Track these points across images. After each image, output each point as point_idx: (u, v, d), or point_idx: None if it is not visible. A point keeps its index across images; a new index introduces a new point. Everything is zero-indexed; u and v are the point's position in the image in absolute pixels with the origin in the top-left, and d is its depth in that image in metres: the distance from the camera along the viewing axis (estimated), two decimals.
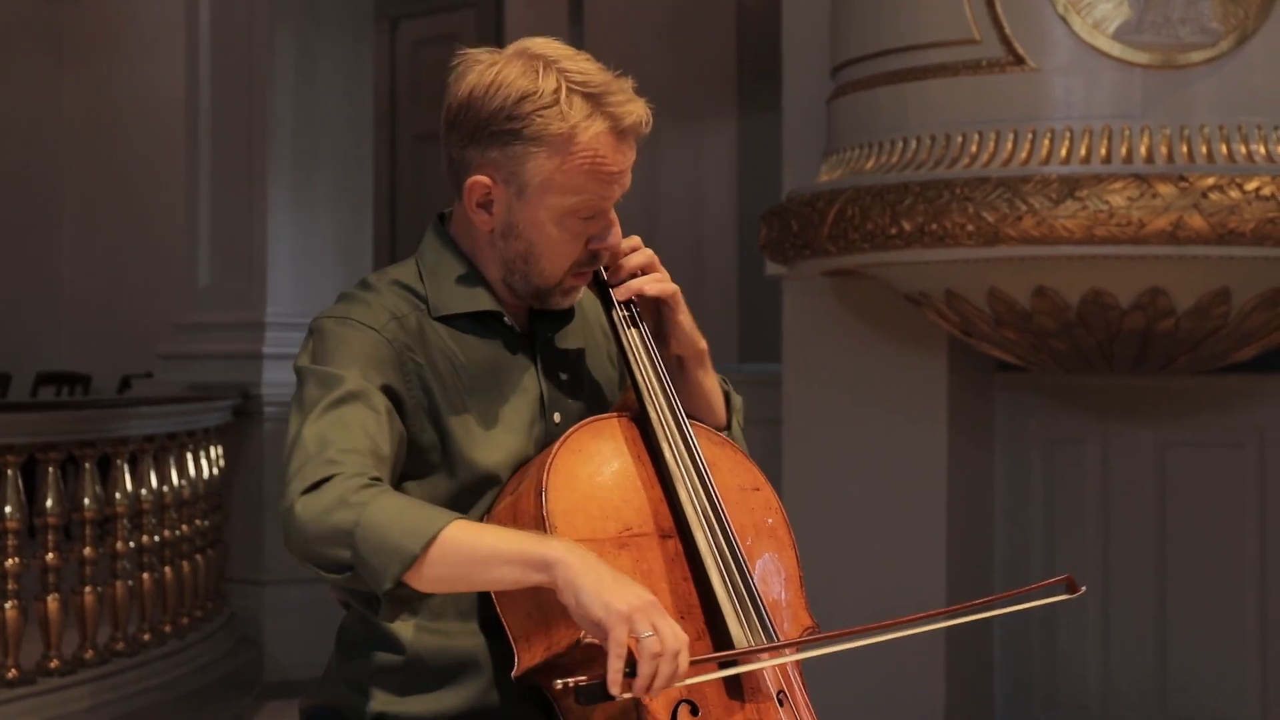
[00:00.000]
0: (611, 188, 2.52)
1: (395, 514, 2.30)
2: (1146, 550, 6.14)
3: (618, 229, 2.57)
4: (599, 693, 2.23)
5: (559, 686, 2.28)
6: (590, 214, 2.53)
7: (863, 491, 6.31)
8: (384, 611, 2.34)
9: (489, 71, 2.51)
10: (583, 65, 2.51)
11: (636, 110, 2.52)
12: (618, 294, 2.62)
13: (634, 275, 2.64)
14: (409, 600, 2.35)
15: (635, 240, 2.66)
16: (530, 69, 2.49)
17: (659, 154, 10.27)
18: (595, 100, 2.49)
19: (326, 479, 2.34)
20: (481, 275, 2.59)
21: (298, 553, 2.34)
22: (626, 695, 2.23)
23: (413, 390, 2.50)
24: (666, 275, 2.66)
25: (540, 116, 2.47)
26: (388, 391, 2.47)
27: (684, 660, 2.25)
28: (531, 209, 2.52)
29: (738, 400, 2.80)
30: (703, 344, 2.70)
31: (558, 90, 2.47)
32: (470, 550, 2.28)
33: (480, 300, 2.58)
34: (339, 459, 2.36)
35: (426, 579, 2.29)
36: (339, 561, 2.30)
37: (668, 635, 2.23)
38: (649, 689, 2.22)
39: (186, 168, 8.40)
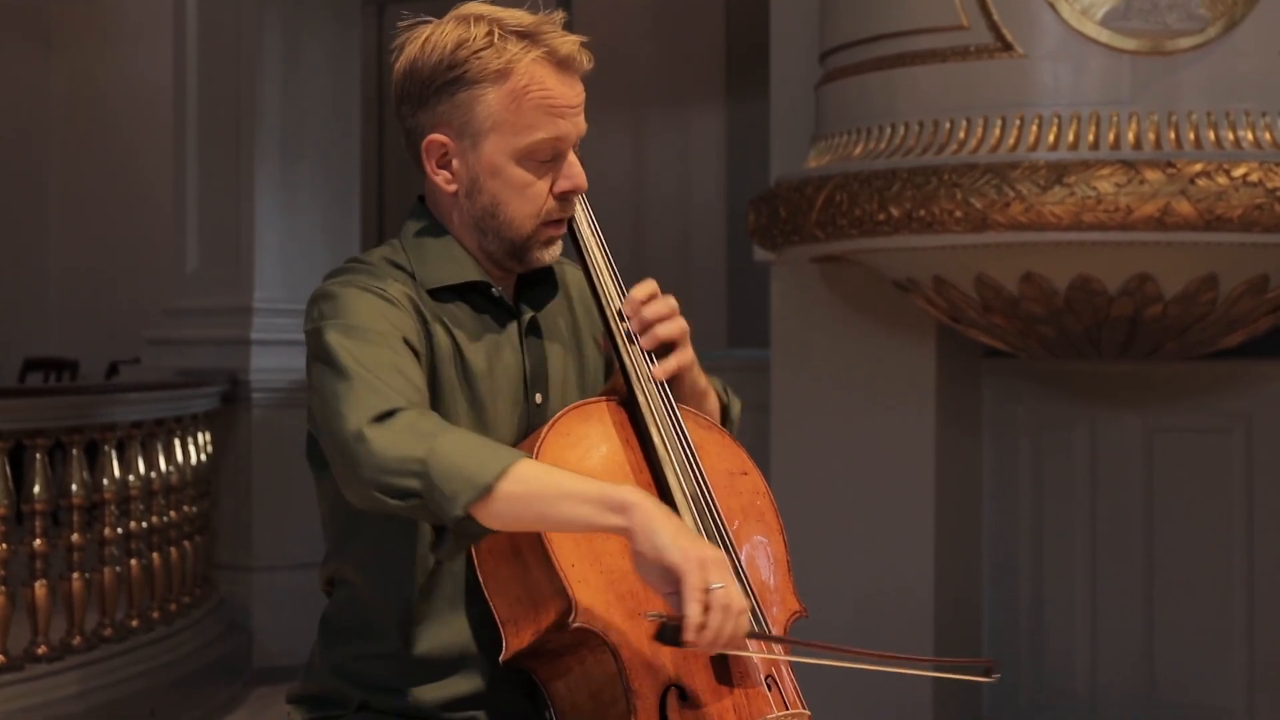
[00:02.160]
0: (562, 123, 2.52)
1: (469, 445, 2.29)
2: (1134, 535, 6.15)
3: (579, 168, 2.57)
4: (675, 635, 2.24)
5: (647, 618, 2.29)
6: (548, 155, 2.53)
7: (851, 477, 6.32)
8: (447, 547, 2.31)
9: (422, 37, 2.55)
10: (512, 12, 2.55)
11: (570, 40, 2.54)
12: (658, 373, 2.57)
13: (653, 322, 2.62)
14: (474, 538, 2.31)
15: (653, 287, 2.64)
16: (462, 23, 2.53)
17: (647, 140, 10.27)
18: (528, 36, 2.51)
19: (392, 411, 2.31)
20: (463, 246, 2.59)
21: (367, 480, 2.28)
22: (694, 645, 2.24)
23: (422, 344, 2.50)
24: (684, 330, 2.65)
25: (478, 58, 2.50)
26: (408, 338, 2.46)
27: (744, 622, 2.28)
28: (487, 155, 2.53)
29: (736, 407, 2.81)
30: (704, 383, 2.71)
31: (490, 33, 2.51)
32: (543, 486, 2.27)
33: (468, 270, 2.58)
34: (395, 395, 2.34)
35: (495, 513, 2.26)
36: (407, 490, 2.26)
37: (736, 592, 2.26)
38: (715, 642, 2.24)
39: (174, 154, 8.38)
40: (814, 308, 6.44)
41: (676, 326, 2.62)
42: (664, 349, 2.62)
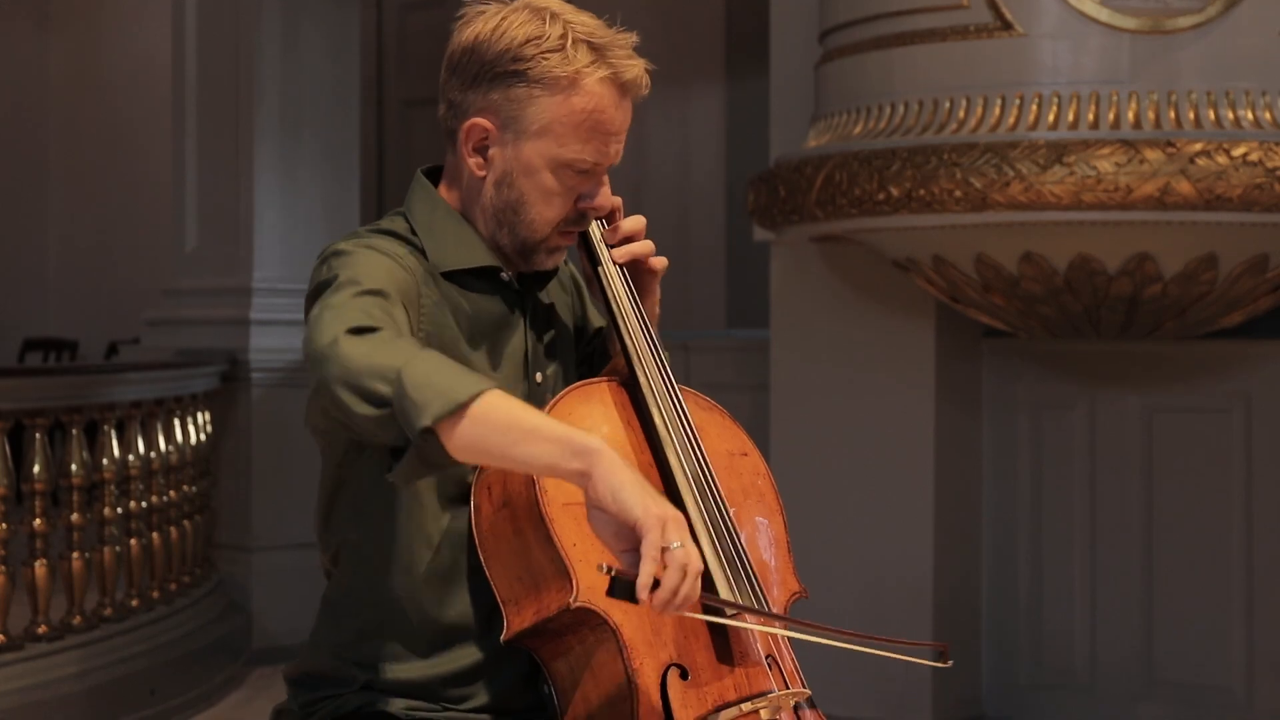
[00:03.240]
0: (608, 144, 2.53)
1: (446, 365, 2.25)
2: (1133, 515, 6.16)
3: (608, 190, 2.58)
4: (629, 590, 2.20)
5: (601, 570, 2.23)
6: (585, 169, 2.53)
7: (850, 457, 6.32)
8: (403, 466, 2.26)
9: (494, 18, 2.52)
10: (587, 19, 2.54)
11: (637, 66, 2.54)
12: (618, 255, 2.62)
13: (629, 239, 2.65)
14: (432, 464, 2.26)
15: (621, 204, 2.67)
16: (536, 17, 2.51)
17: (647, 119, 10.25)
18: (599, 50, 2.51)
19: (372, 328, 2.29)
20: (474, 228, 2.59)
21: (336, 379, 2.25)
22: (647, 603, 2.19)
23: (422, 324, 2.50)
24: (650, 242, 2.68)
25: (545, 59, 2.48)
26: (408, 303, 2.45)
27: (697, 586, 2.23)
28: (527, 155, 2.52)
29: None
30: (657, 310, 2.71)
31: (564, 36, 2.49)
32: (512, 417, 2.23)
33: (479, 255, 2.58)
34: (381, 323, 2.31)
35: (461, 438, 2.21)
36: (377, 394, 2.23)
37: (693, 554, 2.22)
38: (669, 602, 2.20)
39: (173, 133, 8.37)
40: (813, 287, 6.44)
41: (638, 222, 2.66)
42: (634, 271, 2.65)
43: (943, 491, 6.24)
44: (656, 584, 2.19)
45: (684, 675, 2.40)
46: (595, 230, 2.64)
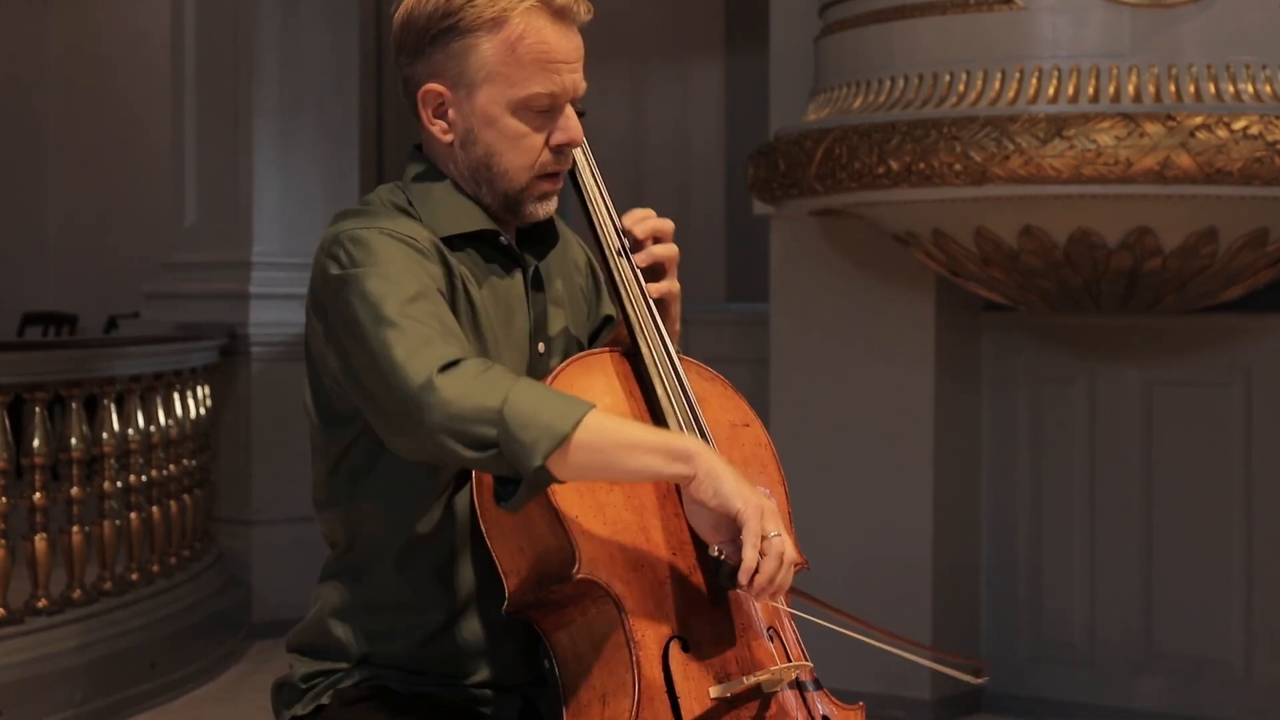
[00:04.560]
0: (557, 75, 2.51)
1: (541, 394, 2.29)
2: (1132, 489, 6.16)
3: (575, 121, 2.56)
4: (733, 576, 2.32)
5: (715, 552, 2.35)
6: (544, 106, 2.52)
7: (850, 431, 6.33)
8: (520, 495, 2.30)
9: None
10: None
11: None
12: (639, 259, 2.60)
13: (653, 257, 2.63)
14: (543, 487, 2.31)
15: (650, 213, 2.65)
16: None
17: (646, 94, 10.24)
18: None
19: (457, 361, 2.30)
20: (465, 194, 2.59)
21: (438, 429, 2.27)
22: (746, 590, 2.32)
23: (446, 289, 2.50)
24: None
25: (472, 6, 2.49)
26: (441, 290, 2.46)
27: (790, 575, 2.35)
28: (482, 105, 2.52)
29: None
30: (678, 327, 2.70)
31: None
32: (614, 436, 2.29)
33: (476, 219, 2.58)
34: (454, 346, 2.33)
35: (570, 464, 2.26)
36: (483, 439, 2.26)
37: (789, 544, 2.34)
38: (766, 588, 2.32)
39: (172, 107, 8.36)
40: (813, 261, 6.44)
41: (670, 249, 2.64)
42: (654, 274, 2.63)
43: (942, 465, 6.24)
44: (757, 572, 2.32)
45: (686, 647, 2.41)
46: (599, 206, 2.63)
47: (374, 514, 2.55)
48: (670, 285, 2.65)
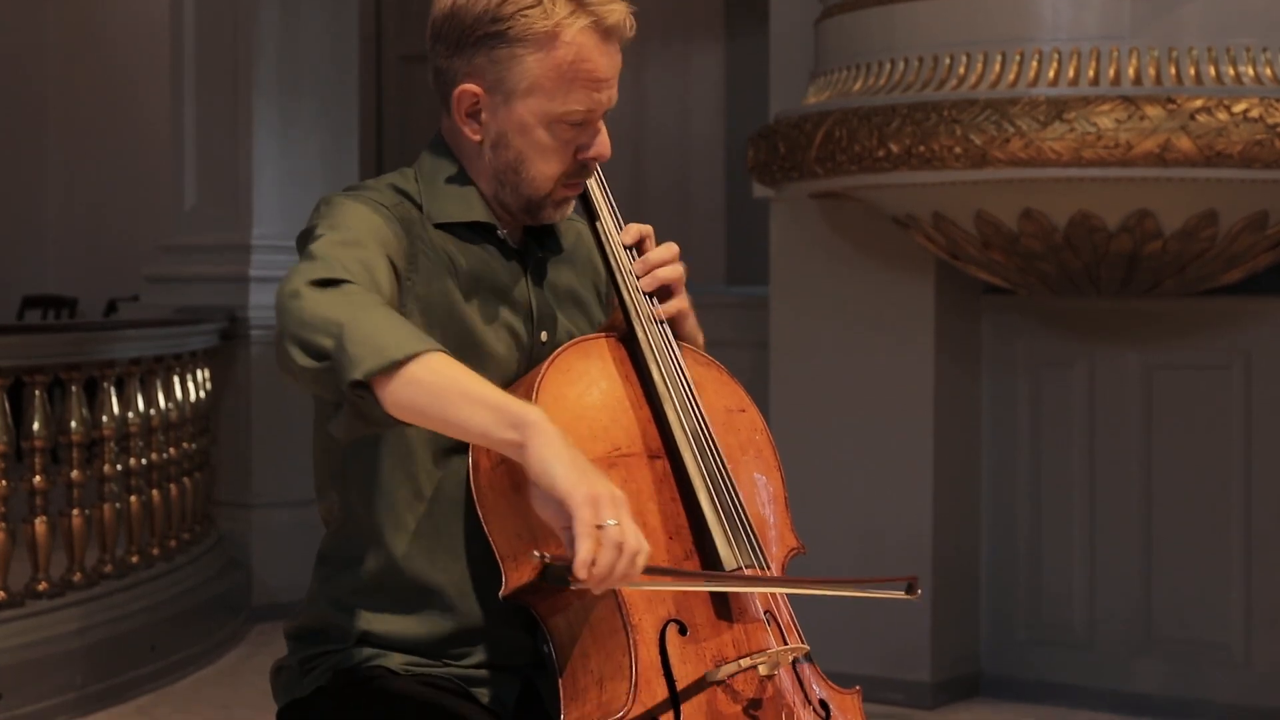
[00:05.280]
0: (598, 94, 2.51)
1: (392, 323, 2.26)
2: (1132, 472, 6.16)
3: (605, 137, 2.56)
4: (563, 574, 2.16)
5: (535, 557, 2.21)
6: (578, 120, 2.52)
7: (850, 414, 6.33)
8: (341, 417, 2.27)
9: None
10: None
11: (619, 10, 2.52)
12: (643, 284, 2.59)
13: (659, 272, 2.62)
14: (372, 420, 2.26)
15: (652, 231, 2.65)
16: None
17: (646, 76, 10.23)
18: (578, 0, 2.48)
19: (336, 281, 2.30)
20: (477, 187, 2.59)
21: (288, 333, 2.28)
22: (583, 584, 2.16)
23: (410, 274, 2.50)
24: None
25: (524, 16, 2.47)
26: (390, 254, 2.45)
27: (641, 562, 2.20)
28: (519, 114, 2.51)
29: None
30: (701, 340, 2.70)
31: None
32: (451, 380, 2.22)
33: (476, 210, 2.58)
34: (347, 274, 2.32)
35: (397, 395, 2.21)
36: (319, 348, 2.25)
37: (631, 532, 2.18)
38: (601, 581, 2.17)
39: (171, 90, 8.36)
40: (813, 244, 6.43)
41: (676, 271, 2.61)
42: (663, 295, 2.62)
43: (942, 449, 6.24)
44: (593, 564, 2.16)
45: (683, 631, 2.41)
46: (595, 188, 2.63)
47: (369, 497, 2.55)
48: (679, 304, 2.63)
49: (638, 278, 2.60)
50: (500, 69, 2.50)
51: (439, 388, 2.21)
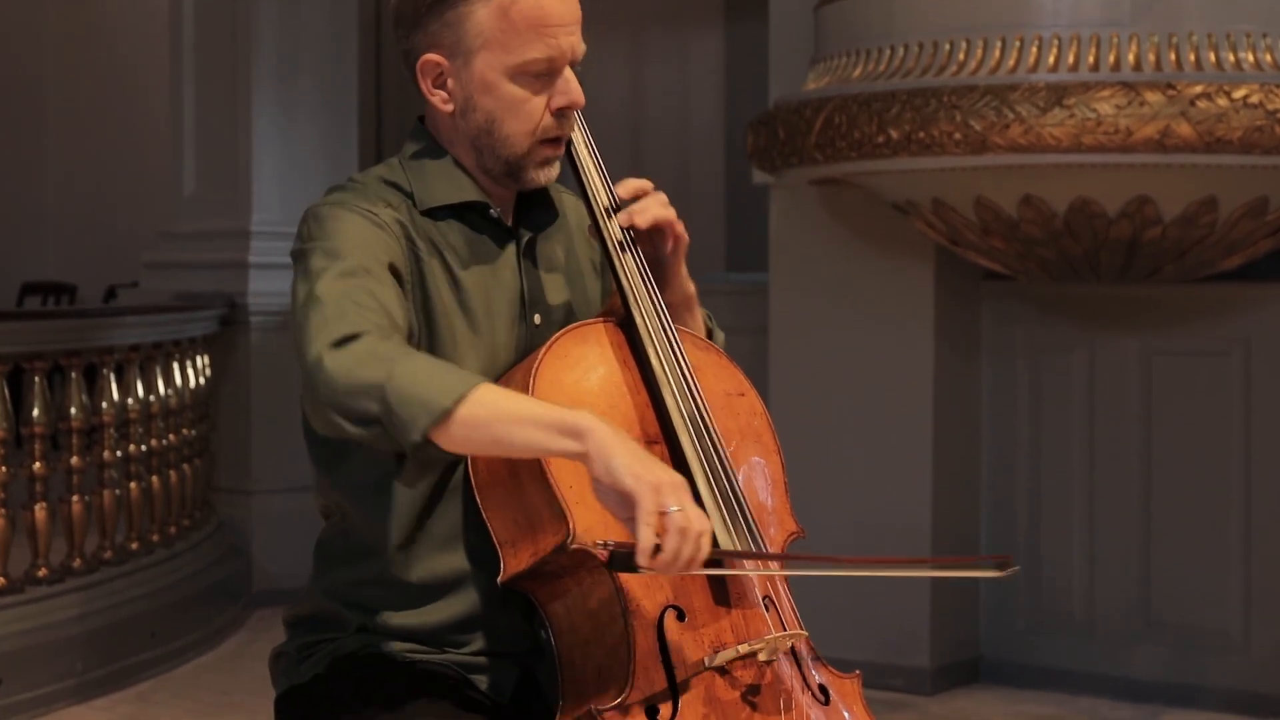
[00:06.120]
0: (555, 40, 2.50)
1: (427, 370, 2.28)
2: (1131, 459, 6.16)
3: (575, 84, 2.55)
4: (628, 561, 2.24)
5: (598, 544, 2.28)
6: (541, 70, 2.51)
7: (849, 400, 6.33)
8: (408, 471, 2.35)
9: None
10: None
11: None
12: (637, 218, 2.59)
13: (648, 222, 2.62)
14: (435, 462, 2.34)
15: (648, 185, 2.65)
16: None
17: (645, 63, 10.22)
18: None
19: (354, 336, 2.31)
20: (462, 167, 2.59)
21: (326, 403, 2.30)
22: (650, 569, 2.23)
23: (410, 271, 2.50)
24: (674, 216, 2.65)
25: None
26: (389, 264, 2.46)
27: (706, 544, 2.25)
28: (479, 72, 2.51)
29: (719, 337, 2.79)
30: (691, 288, 2.69)
31: None
32: (501, 410, 2.27)
33: (465, 190, 2.58)
34: (361, 321, 2.33)
35: (455, 438, 2.26)
36: (367, 415, 2.27)
37: (695, 516, 2.24)
38: (672, 565, 2.23)
39: (171, 76, 8.35)
40: (812, 230, 6.43)
41: (667, 211, 2.61)
42: (658, 240, 2.62)
43: (941, 434, 6.24)
44: (659, 550, 2.21)
45: (681, 617, 2.41)
46: (592, 176, 2.63)
47: (361, 491, 2.55)
48: (675, 224, 2.62)
49: (632, 250, 2.59)
50: (455, 30, 2.50)
51: (492, 420, 2.26)
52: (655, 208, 2.60)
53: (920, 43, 5.37)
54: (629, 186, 2.62)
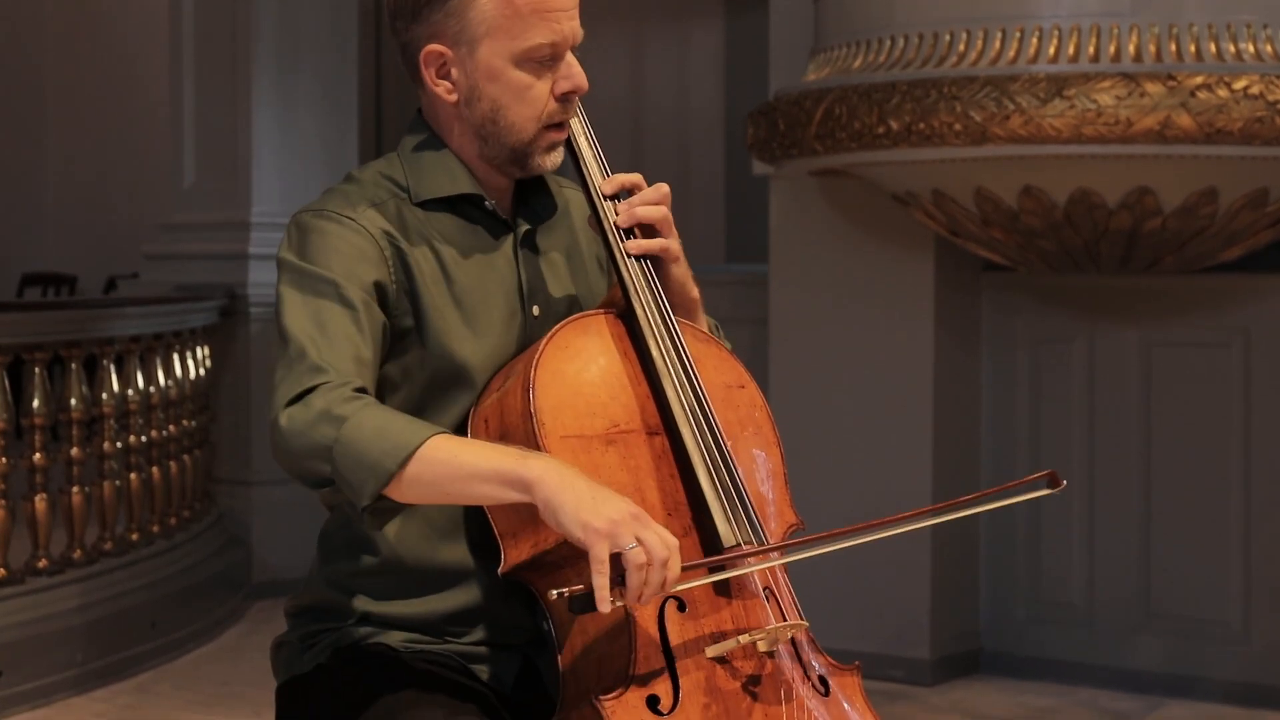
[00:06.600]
0: (557, 24, 2.51)
1: (374, 431, 2.31)
2: (1131, 450, 6.16)
3: (578, 69, 2.55)
4: (589, 604, 2.24)
5: (553, 597, 2.27)
6: (545, 56, 2.52)
7: (849, 391, 6.33)
8: (367, 524, 2.37)
9: None
10: None
11: None
12: (619, 220, 2.59)
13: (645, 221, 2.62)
14: (393, 511, 2.36)
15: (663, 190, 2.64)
16: None
17: (645, 53, 10.22)
18: None
19: (311, 389, 2.35)
20: (460, 159, 2.59)
21: (282, 465, 2.39)
22: (618, 604, 2.24)
23: (395, 274, 2.50)
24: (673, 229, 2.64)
25: None
26: (363, 279, 2.47)
27: (674, 565, 2.26)
28: (485, 60, 2.51)
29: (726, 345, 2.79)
30: (695, 293, 2.69)
31: None
32: (447, 468, 2.30)
33: (461, 182, 2.58)
34: (323, 366, 2.38)
35: (406, 495, 2.31)
36: (320, 475, 2.33)
37: (654, 544, 2.24)
38: (639, 599, 2.24)
39: (170, 66, 8.35)
40: (812, 221, 6.43)
41: (660, 211, 2.60)
42: (649, 235, 2.61)
43: (941, 426, 6.24)
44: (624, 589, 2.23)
45: (682, 608, 2.41)
46: (591, 167, 2.62)
47: None
48: (664, 242, 2.61)
49: (620, 226, 2.59)
50: (458, 20, 2.51)
51: (439, 476, 2.31)
52: (639, 209, 2.60)
53: (920, 34, 5.36)
54: (614, 182, 2.62)
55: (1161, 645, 6.12)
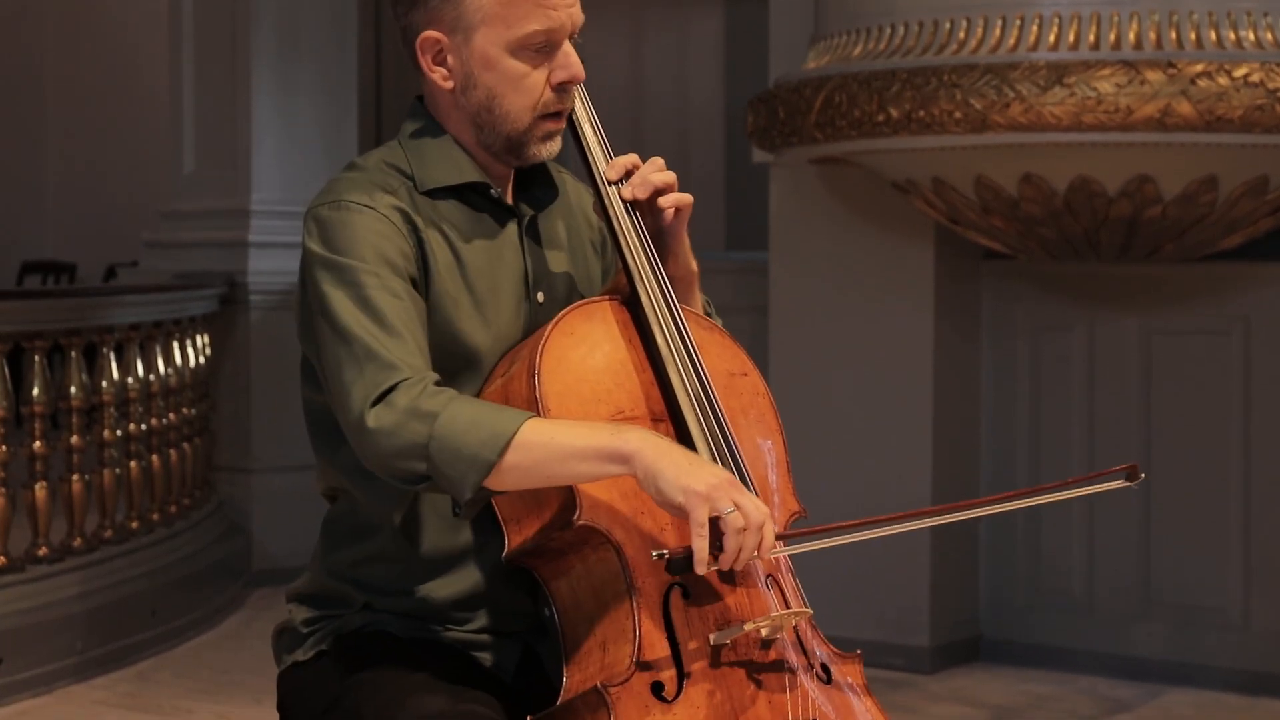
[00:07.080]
0: (554, 12, 2.51)
1: (469, 423, 2.32)
2: (1131, 437, 6.16)
3: (575, 58, 2.55)
4: (686, 565, 2.30)
5: (654, 557, 2.33)
6: (541, 44, 2.51)
7: (849, 379, 6.33)
8: (464, 513, 2.38)
9: None
10: None
11: None
12: (637, 191, 2.59)
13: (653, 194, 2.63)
14: (485, 501, 2.37)
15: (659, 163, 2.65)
16: None
17: (645, 42, 10.21)
18: None
19: (392, 388, 2.35)
20: (462, 146, 2.58)
21: (372, 466, 2.37)
22: (714, 569, 2.31)
23: (417, 260, 2.50)
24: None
25: None
26: (398, 265, 2.47)
27: (769, 531, 2.32)
28: (480, 48, 2.51)
29: (717, 322, 2.80)
30: (694, 265, 2.70)
31: None
32: (545, 450, 2.31)
33: (465, 171, 2.58)
34: (395, 363, 2.37)
35: (505, 483, 2.33)
36: (415, 474, 2.33)
37: (750, 509, 2.29)
38: (735, 561, 2.29)
39: (170, 54, 8.34)
40: (812, 209, 6.43)
41: (670, 175, 2.63)
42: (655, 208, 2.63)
43: (941, 413, 6.24)
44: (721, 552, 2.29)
45: (686, 594, 2.41)
46: (595, 153, 2.62)
47: (363, 473, 2.54)
48: (690, 197, 2.64)
49: (636, 228, 2.59)
50: (455, 6, 2.51)
51: (539, 460, 2.32)
52: (653, 176, 2.60)
53: (920, 21, 5.36)
54: (618, 167, 2.62)
55: (1161, 632, 6.12)
